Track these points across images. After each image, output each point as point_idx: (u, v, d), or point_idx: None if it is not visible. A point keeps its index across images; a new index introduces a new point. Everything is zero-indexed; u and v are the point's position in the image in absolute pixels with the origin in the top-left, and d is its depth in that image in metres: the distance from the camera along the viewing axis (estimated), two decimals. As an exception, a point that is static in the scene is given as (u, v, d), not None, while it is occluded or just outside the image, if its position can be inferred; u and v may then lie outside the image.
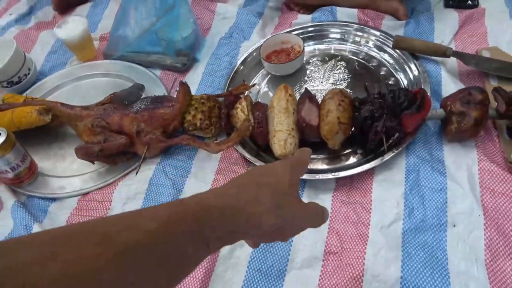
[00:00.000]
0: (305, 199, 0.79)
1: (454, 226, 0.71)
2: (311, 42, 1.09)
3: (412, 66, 0.95)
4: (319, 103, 0.85)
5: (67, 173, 0.93)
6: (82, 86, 1.13)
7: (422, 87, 0.89)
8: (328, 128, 0.80)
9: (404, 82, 0.95)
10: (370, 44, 1.04)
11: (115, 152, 0.89)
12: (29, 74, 1.13)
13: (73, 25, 1.14)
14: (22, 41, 1.28)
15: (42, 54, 1.24)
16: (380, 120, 0.79)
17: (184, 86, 0.88)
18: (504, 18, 1.04)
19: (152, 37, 1.11)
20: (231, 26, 1.20)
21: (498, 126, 0.82)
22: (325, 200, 0.79)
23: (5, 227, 0.85)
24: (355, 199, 0.78)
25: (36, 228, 0.82)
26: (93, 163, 0.91)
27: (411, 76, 0.94)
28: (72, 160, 0.94)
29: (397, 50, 0.99)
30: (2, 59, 1.07)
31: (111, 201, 0.86)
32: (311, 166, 0.86)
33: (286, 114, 0.84)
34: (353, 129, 0.83)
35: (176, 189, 0.85)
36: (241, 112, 0.87)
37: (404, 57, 0.97)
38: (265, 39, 1.06)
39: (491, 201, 0.72)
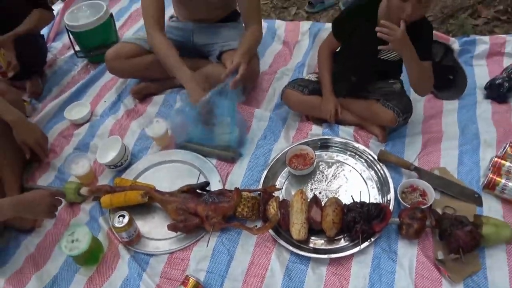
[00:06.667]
0: (310, 270, 1.30)
1: (397, 296, 1.21)
2: (320, 150, 1.59)
3: (390, 183, 1.43)
4: (323, 205, 1.36)
5: (159, 236, 1.45)
6: (164, 170, 1.65)
7: (389, 199, 1.38)
8: (326, 225, 1.30)
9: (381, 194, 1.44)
10: (362, 158, 1.53)
11: (192, 228, 1.41)
12: (127, 159, 1.65)
13: (158, 125, 1.67)
14: (117, 129, 1.80)
15: (132, 140, 1.76)
16: (358, 224, 1.29)
17: (238, 191, 1.39)
18: (454, 143, 1.52)
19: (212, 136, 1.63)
20: (265, 128, 1.71)
21: (434, 232, 1.31)
22: (322, 271, 1.29)
23: (123, 273, 1.37)
24: (340, 272, 1.28)
25: (144, 276, 1.34)
26: (176, 233, 1.43)
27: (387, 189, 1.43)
28: (162, 227, 1.45)
29: (379, 169, 1.47)
30: (113, 151, 1.59)
31: (189, 260, 1.37)
32: (314, 245, 1.36)
33: (301, 213, 1.34)
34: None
35: (230, 255, 1.36)
36: (272, 209, 1.37)
37: (383, 174, 1.46)
38: (289, 145, 1.57)
39: (420, 282, 1.21)
